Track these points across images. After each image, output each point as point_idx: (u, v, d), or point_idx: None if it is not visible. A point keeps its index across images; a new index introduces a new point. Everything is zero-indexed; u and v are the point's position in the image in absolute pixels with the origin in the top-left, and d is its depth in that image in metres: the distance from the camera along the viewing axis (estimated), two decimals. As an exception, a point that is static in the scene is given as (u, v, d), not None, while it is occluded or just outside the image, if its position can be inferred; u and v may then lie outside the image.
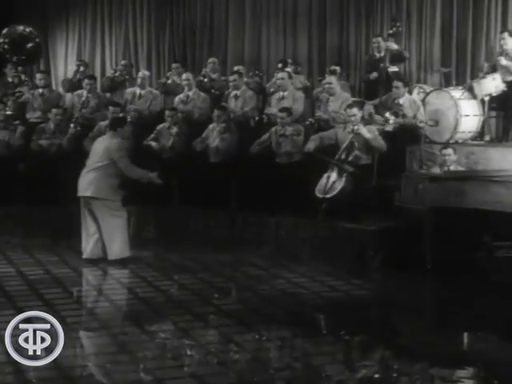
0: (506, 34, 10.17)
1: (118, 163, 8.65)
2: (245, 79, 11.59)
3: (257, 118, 10.76)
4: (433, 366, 5.59)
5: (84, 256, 8.67)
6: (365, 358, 5.86)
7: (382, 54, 10.91)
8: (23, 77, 12.45)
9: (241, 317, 6.70)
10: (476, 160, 9.27)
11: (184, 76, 11.46)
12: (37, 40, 12.32)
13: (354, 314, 7.03)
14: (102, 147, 8.75)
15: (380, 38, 11.22)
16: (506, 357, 5.81)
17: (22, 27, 12.18)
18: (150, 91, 11.62)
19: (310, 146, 9.40)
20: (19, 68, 12.35)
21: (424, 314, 7.15)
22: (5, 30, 12.05)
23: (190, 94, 11.20)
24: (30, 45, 12.01)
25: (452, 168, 8.83)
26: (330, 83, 10.29)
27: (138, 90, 11.60)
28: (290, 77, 10.95)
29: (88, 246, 8.68)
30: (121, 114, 10.38)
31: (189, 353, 5.73)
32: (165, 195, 10.03)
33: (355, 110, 9.36)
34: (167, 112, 10.73)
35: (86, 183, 8.69)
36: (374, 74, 10.66)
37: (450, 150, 8.92)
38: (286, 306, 7.15)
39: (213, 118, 10.45)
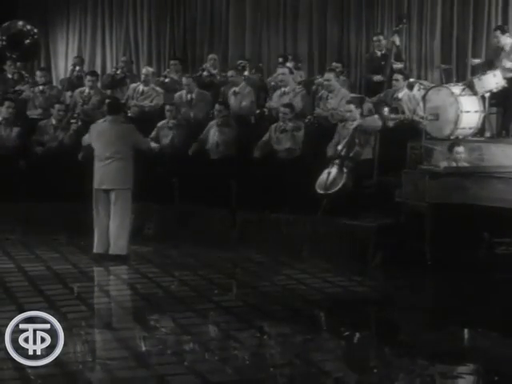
0: (498, 32, 10.20)
1: (142, 145, 8.80)
2: (246, 73, 11.58)
3: (258, 111, 10.74)
4: (433, 362, 5.58)
5: (95, 250, 8.60)
6: (365, 355, 5.86)
7: (384, 52, 10.89)
8: (24, 73, 12.44)
9: (241, 313, 6.71)
10: (477, 156, 9.26)
11: (184, 81, 11.33)
12: (35, 37, 12.31)
13: (355, 310, 7.04)
14: (116, 135, 8.57)
15: (381, 36, 11.19)
16: (506, 353, 5.81)
17: (20, 23, 12.17)
18: (153, 88, 11.58)
19: (330, 152, 9.37)
20: (18, 64, 12.33)
21: (424, 311, 7.15)
22: (3, 26, 12.05)
23: (194, 95, 11.13)
24: (27, 41, 12.00)
25: (460, 165, 8.82)
26: (328, 80, 10.29)
27: (141, 87, 11.57)
28: (291, 72, 10.95)
29: (101, 241, 8.58)
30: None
31: (189, 349, 5.74)
32: (165, 192, 10.04)
33: (351, 107, 9.39)
34: (167, 107, 10.71)
35: (115, 175, 8.50)
36: (378, 77, 10.64)
37: (462, 148, 8.88)
38: (286, 303, 7.15)
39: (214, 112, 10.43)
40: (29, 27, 12.21)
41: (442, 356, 5.69)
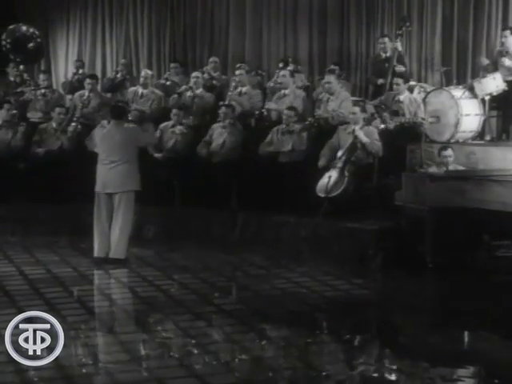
0: (507, 32, 10.19)
1: (147, 141, 8.93)
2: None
3: (257, 113, 10.77)
4: (433, 365, 5.58)
5: (96, 254, 8.58)
6: (365, 358, 5.85)
7: (388, 55, 10.91)
8: (25, 76, 12.44)
9: (241, 316, 6.71)
10: (477, 159, 9.27)
11: (194, 74, 11.49)
12: (39, 40, 12.35)
13: (355, 313, 7.04)
14: (120, 139, 8.54)
15: (386, 39, 11.20)
16: (506, 356, 5.81)
17: (24, 27, 12.21)
18: (152, 91, 11.61)
19: (322, 162, 9.39)
20: (21, 67, 12.35)
21: (424, 314, 7.15)
22: (7, 30, 12.08)
23: (198, 92, 11.22)
24: (31, 44, 12.03)
25: (451, 168, 8.83)
26: (329, 82, 10.32)
27: (140, 90, 11.59)
28: (292, 75, 10.98)
29: (101, 245, 8.57)
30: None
31: (189, 352, 5.73)
32: (166, 194, 10.04)
33: (357, 109, 9.42)
34: (174, 110, 10.71)
35: (119, 179, 8.49)
36: (381, 80, 10.68)
37: (450, 151, 8.91)
38: (286, 306, 7.15)
39: (219, 115, 10.46)
40: (32, 30, 12.24)
41: (442, 358, 5.68)
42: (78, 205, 9.46)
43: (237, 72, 11.39)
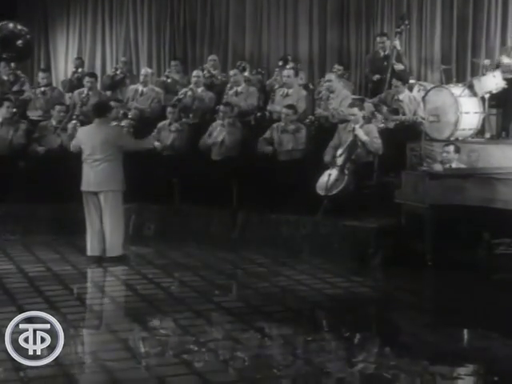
0: None
1: (128, 145, 8.67)
2: (246, 73, 11.61)
3: (259, 114, 10.77)
4: (433, 363, 5.58)
5: (89, 253, 8.57)
6: (365, 355, 5.86)
7: (387, 53, 10.91)
8: (19, 73, 12.37)
9: (241, 314, 6.70)
10: (476, 157, 9.27)
11: (194, 73, 11.49)
12: (27, 37, 12.30)
13: (355, 311, 7.04)
14: (103, 137, 8.48)
15: (385, 37, 11.21)
16: (506, 354, 5.81)
17: (11, 24, 12.17)
18: (152, 89, 11.61)
19: (327, 158, 9.41)
20: (13, 65, 12.29)
21: (424, 311, 7.16)
22: None
23: (199, 90, 11.23)
24: (20, 42, 12.00)
25: (454, 166, 8.83)
26: (329, 80, 10.33)
27: (140, 88, 11.59)
28: (297, 74, 10.97)
29: (94, 243, 8.55)
30: (121, 111, 10.58)
31: (189, 350, 5.73)
32: (166, 193, 10.04)
33: (356, 110, 9.40)
34: (169, 109, 10.72)
35: (102, 177, 8.44)
36: (377, 76, 10.70)
37: (450, 148, 8.91)
38: (286, 304, 7.16)
39: (218, 114, 10.46)
40: (20, 27, 12.20)
41: (442, 356, 5.68)
42: (78, 203, 9.43)
43: (231, 72, 11.42)
